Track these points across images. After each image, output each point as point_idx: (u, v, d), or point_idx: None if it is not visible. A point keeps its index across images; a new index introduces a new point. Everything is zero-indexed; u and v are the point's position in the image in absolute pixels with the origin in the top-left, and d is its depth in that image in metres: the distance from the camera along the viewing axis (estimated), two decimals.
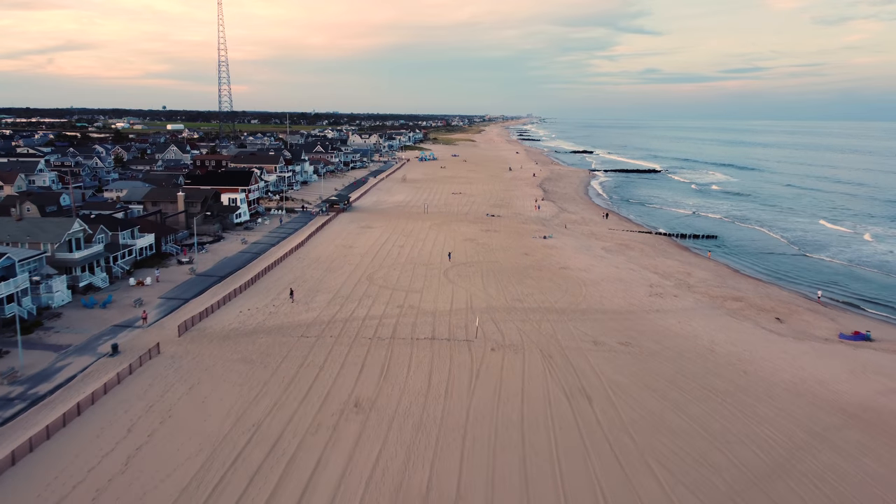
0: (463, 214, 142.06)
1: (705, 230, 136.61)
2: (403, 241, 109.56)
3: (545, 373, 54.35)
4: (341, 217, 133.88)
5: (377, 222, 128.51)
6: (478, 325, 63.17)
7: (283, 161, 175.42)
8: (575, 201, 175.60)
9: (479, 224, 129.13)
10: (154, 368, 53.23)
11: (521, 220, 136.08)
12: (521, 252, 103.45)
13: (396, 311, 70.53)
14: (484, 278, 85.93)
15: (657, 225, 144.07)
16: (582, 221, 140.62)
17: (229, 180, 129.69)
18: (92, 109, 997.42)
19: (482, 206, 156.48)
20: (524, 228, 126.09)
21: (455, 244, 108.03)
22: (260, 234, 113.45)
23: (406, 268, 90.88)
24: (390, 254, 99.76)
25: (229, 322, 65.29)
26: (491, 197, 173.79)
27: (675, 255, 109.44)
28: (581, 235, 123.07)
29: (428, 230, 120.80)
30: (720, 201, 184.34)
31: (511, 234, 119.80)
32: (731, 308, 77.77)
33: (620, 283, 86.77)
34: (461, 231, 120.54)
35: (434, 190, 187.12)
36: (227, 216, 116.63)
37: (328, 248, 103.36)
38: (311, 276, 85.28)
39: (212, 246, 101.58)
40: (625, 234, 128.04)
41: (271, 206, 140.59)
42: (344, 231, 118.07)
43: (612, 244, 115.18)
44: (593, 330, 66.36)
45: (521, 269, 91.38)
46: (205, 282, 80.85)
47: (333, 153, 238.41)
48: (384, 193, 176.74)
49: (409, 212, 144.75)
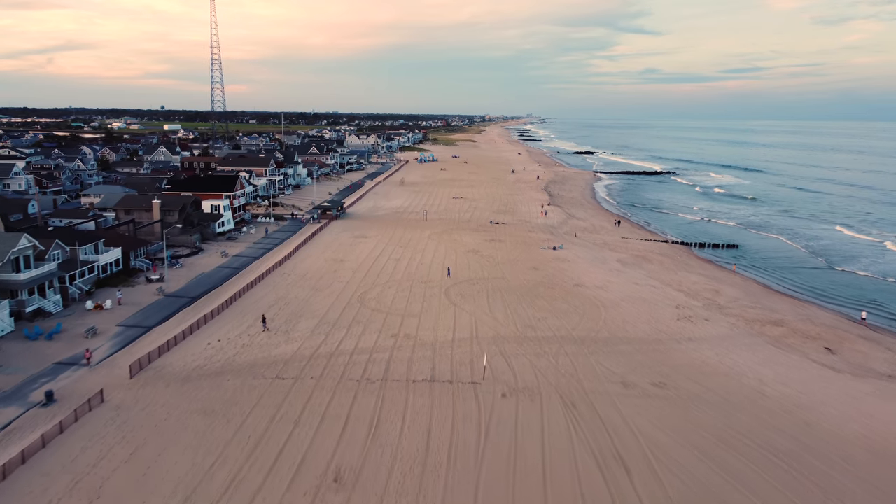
0: (465, 222, 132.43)
1: (723, 238, 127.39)
2: (400, 254, 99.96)
3: (569, 429, 44.75)
4: (334, 225, 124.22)
5: (372, 231, 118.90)
6: (486, 363, 53.61)
7: (274, 164, 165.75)
8: (583, 206, 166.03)
9: (483, 233, 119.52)
10: (92, 424, 43.64)
11: (527, 228, 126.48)
12: (529, 266, 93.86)
13: (390, 342, 60.94)
14: (490, 298, 76.34)
15: (671, 232, 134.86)
16: (592, 229, 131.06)
17: (212, 186, 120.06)
18: (90, 109, 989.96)
19: (485, 211, 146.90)
20: (531, 238, 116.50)
21: (456, 257, 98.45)
22: (243, 245, 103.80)
23: (402, 286, 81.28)
24: (385, 269, 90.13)
25: (194, 358, 55.68)
26: (494, 201, 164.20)
27: (697, 269, 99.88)
28: (593, 245, 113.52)
29: (427, 240, 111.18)
30: (731, 206, 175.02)
31: (517, 244, 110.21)
32: (772, 335, 68.21)
33: (643, 303, 77.20)
34: (463, 241, 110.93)
35: (433, 194, 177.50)
36: (208, 225, 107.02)
37: (317, 261, 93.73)
38: (295, 296, 75.66)
39: (188, 260, 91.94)
40: (639, 243, 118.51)
41: (259, 213, 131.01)
42: (335, 241, 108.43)
43: (627, 256, 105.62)
44: (619, 365, 56.80)
45: (531, 287, 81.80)
46: (174, 304, 71.23)
47: (329, 155, 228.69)
48: (381, 198, 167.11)
49: (406, 219, 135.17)
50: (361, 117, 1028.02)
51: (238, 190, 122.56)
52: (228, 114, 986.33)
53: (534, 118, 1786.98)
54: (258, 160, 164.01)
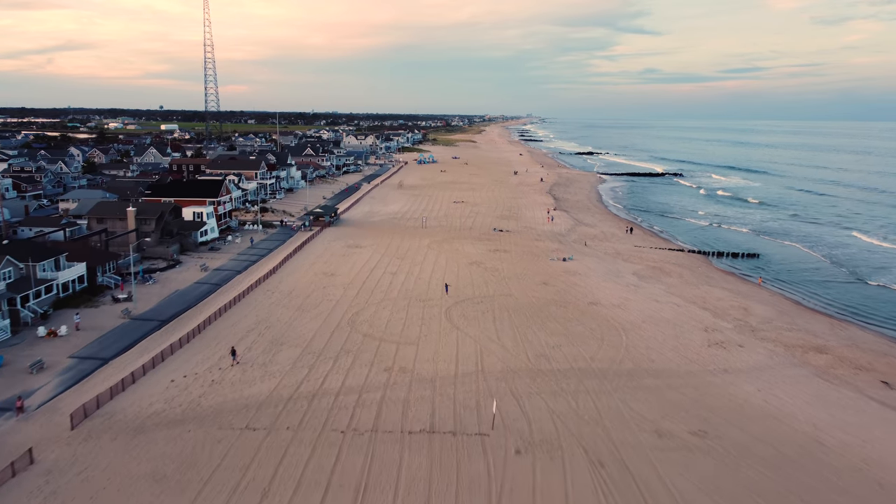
0: (466, 229, 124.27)
1: (740, 246, 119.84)
2: (397, 266, 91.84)
3: (598, 496, 36.66)
4: (326, 233, 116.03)
5: (367, 240, 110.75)
6: (495, 411, 45.46)
7: (266, 166, 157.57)
8: (590, 211, 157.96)
9: (486, 242, 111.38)
10: (13, 497, 35.53)
11: (533, 236, 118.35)
12: (538, 280, 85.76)
13: (383, 377, 52.83)
14: (496, 321, 68.24)
15: (684, 239, 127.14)
16: (603, 237, 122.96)
17: (195, 191, 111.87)
18: (89, 109, 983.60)
19: (488, 217, 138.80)
20: (538, 247, 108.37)
21: (458, 269, 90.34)
22: (226, 256, 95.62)
23: (398, 305, 73.15)
24: (380, 284, 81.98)
25: (152, 400, 47.55)
26: (497, 206, 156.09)
27: (720, 283, 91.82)
28: (605, 255, 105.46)
29: (426, 250, 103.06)
30: (740, 210, 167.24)
31: (524, 254, 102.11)
32: (817, 365, 60.15)
33: (667, 325, 69.11)
34: (465, 251, 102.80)
35: (433, 198, 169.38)
36: (189, 235, 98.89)
37: (306, 276, 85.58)
38: (277, 318, 67.51)
39: (164, 274, 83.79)
40: (653, 252, 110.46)
41: (248, 220, 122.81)
42: (327, 252, 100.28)
43: (643, 267, 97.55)
44: (650, 407, 48.71)
45: (542, 307, 73.69)
46: (139, 329, 63.11)
47: (325, 156, 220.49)
48: (377, 202, 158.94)
49: (404, 226, 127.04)
50: (361, 117, 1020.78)
51: (224, 195, 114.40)
52: (226, 114, 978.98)
53: (534, 118, 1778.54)
54: (248, 162, 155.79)
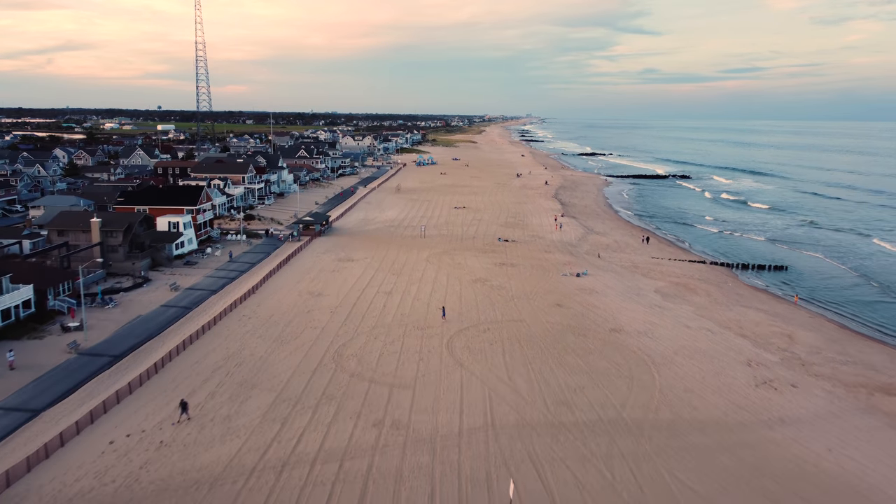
0: (469, 238, 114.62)
1: (762, 256, 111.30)
2: (392, 284, 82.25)
3: None
4: (316, 244, 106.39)
5: (360, 251, 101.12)
6: (512, 495, 35.77)
7: (254, 170, 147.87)
8: (600, 217, 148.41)
9: (490, 254, 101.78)
10: None
11: (542, 247, 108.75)
12: (551, 301, 76.20)
13: (371, 435, 43.23)
14: (506, 353, 58.69)
15: (702, 249, 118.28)
16: (616, 247, 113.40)
17: (172, 198, 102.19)
18: (87, 110, 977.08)
19: (491, 225, 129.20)
20: (548, 260, 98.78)
21: (461, 288, 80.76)
22: (202, 273, 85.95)
23: (393, 333, 63.59)
24: (372, 307, 72.38)
25: (79, 473, 37.94)
26: (501, 212, 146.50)
27: (753, 302, 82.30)
28: (622, 269, 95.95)
29: (425, 264, 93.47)
30: (754, 215, 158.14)
31: (533, 268, 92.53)
32: (890, 411, 50.59)
33: (704, 358, 59.59)
34: (468, 265, 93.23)
35: (433, 203, 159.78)
36: (162, 248, 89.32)
37: (289, 296, 75.97)
38: (251, 352, 57.92)
39: (128, 295, 74.17)
40: (674, 265, 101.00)
41: (233, 228, 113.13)
42: (315, 267, 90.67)
43: (665, 284, 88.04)
44: (701, 478, 39.14)
45: (558, 335, 64.14)
46: (85, 368, 53.51)
47: (319, 158, 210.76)
48: (373, 208, 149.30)
49: (401, 235, 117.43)
50: (360, 117, 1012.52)
51: (204, 203, 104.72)
52: (224, 114, 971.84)
53: (533, 118, 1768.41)
54: (235, 166, 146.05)
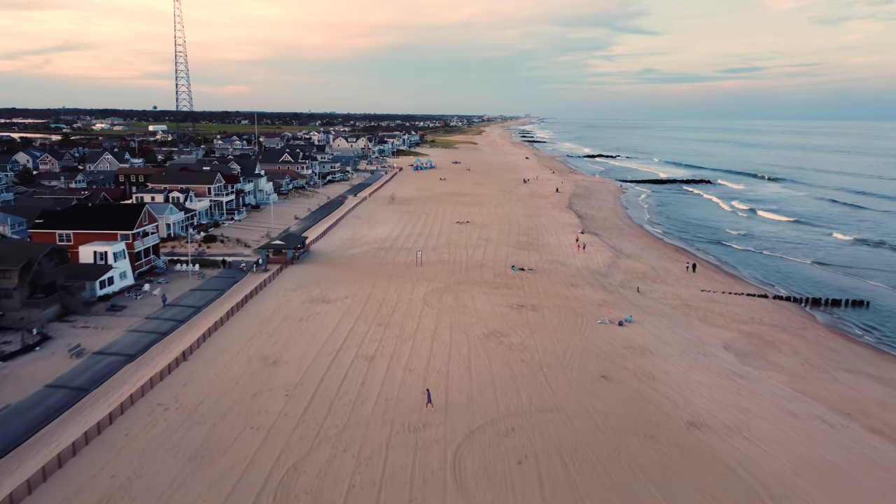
0: (475, 267, 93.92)
1: (825, 284, 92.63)
2: (376, 343, 61.54)
3: None
4: (286, 276, 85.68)
5: (339, 287, 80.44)
6: None
7: (223, 179, 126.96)
8: (625, 233, 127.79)
9: (504, 290, 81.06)
10: None
11: (566, 278, 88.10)
12: (593, 369, 55.58)
13: None
14: (544, 482, 38.12)
15: (751, 274, 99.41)
16: (655, 275, 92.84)
17: (102, 221, 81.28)
18: (82, 110, 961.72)
19: (501, 246, 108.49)
20: (577, 298, 78.16)
21: (468, 349, 60.10)
22: (127, 323, 65.15)
23: (371, 440, 42.92)
24: (346, 386, 51.66)
25: None
26: (510, 228, 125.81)
27: (857, 362, 61.73)
28: (670, 310, 75.48)
29: (422, 308, 72.77)
30: (789, 230, 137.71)
31: (560, 312, 71.90)
32: None
33: (846, 486, 39.07)
34: (476, 308, 72.53)
35: (431, 216, 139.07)
36: (81, 288, 68.69)
37: (232, 366, 55.23)
38: (145, 487, 37.21)
39: (5, 368, 53.38)
40: (731, 301, 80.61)
41: (189, 252, 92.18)
42: (278, 313, 69.92)
43: (734, 334, 67.53)
44: None
45: (615, 437, 43.54)
46: None
47: (305, 163, 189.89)
48: (362, 224, 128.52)
49: (393, 262, 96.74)
50: (357, 118, 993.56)
51: (145, 225, 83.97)
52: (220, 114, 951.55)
53: (532, 118, 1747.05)
54: (200, 175, 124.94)
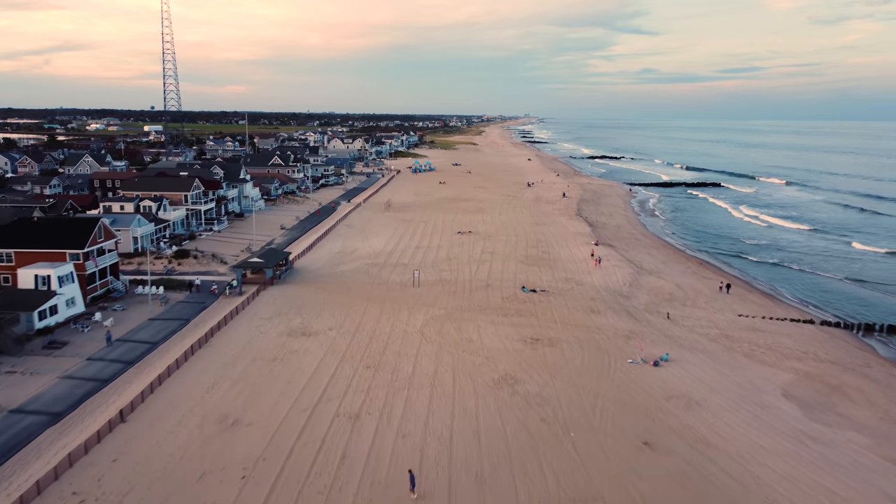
0: (481, 287, 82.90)
1: (871, 305, 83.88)
2: (363, 393, 50.57)
3: None
4: (263, 300, 74.68)
5: (324, 314, 69.46)
6: None
7: (202, 185, 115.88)
8: (641, 243, 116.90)
9: (515, 318, 70.02)
10: None
11: (584, 301, 77.08)
12: (630, 431, 44.65)
13: None
14: None
15: (784, 291, 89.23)
16: (684, 296, 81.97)
17: (48, 238, 70.24)
18: (79, 110, 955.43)
19: (509, 261, 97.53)
20: (600, 328, 67.22)
21: (476, 401, 49.17)
22: (63, 367, 54.12)
23: None
24: (323, 459, 40.67)
25: None
26: (517, 239, 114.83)
27: None
28: (709, 341, 64.66)
29: (419, 342, 61.80)
30: (817, 241, 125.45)
31: (582, 347, 60.99)
32: None
33: None
34: (484, 344, 61.57)
35: (430, 225, 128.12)
36: (15, 319, 57.81)
37: (181, 431, 44.20)
38: None
39: None
40: (774, 327, 69.85)
41: (156, 272, 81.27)
42: (248, 351, 58.94)
43: (791, 376, 56.72)
44: None
45: None
46: None
47: (297, 166, 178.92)
48: (355, 235, 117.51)
49: (387, 282, 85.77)
50: (356, 118, 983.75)
51: (101, 241, 72.98)
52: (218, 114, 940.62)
53: (532, 118, 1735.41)
54: (177, 181, 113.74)
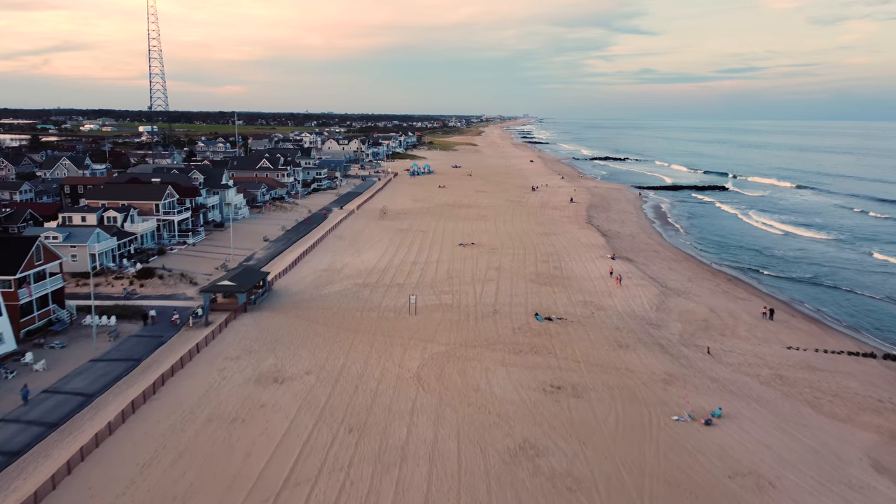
0: (487, 314, 71.67)
1: None
2: (341, 473, 39.32)
3: None
4: (232, 333, 63.48)
5: (301, 353, 58.30)
6: None
7: (176, 193, 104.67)
8: (661, 257, 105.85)
9: (529, 356, 58.85)
10: None
11: (609, 333, 65.85)
12: None
13: None
14: None
15: (837, 318, 78.23)
16: (721, 323, 70.92)
17: None
18: (76, 110, 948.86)
19: (517, 279, 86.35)
20: (631, 368, 56.06)
21: (486, 479, 38.05)
22: None
23: None
24: None
25: None
26: (525, 252, 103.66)
27: None
28: (762, 386, 53.67)
29: (414, 394, 50.59)
30: (847, 253, 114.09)
31: (614, 397, 49.87)
32: None
33: None
34: (494, 394, 50.38)
35: (429, 236, 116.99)
36: None
37: None
38: None
39: None
40: (831, 363, 58.95)
41: (113, 294, 70.08)
42: (203, 407, 47.76)
43: (870, 435, 45.83)
44: None
45: None
46: None
47: (286, 170, 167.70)
48: (345, 248, 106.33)
49: (378, 308, 74.57)
50: (354, 118, 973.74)
51: (40, 264, 61.87)
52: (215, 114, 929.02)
53: (531, 118, 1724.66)
54: (148, 189, 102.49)
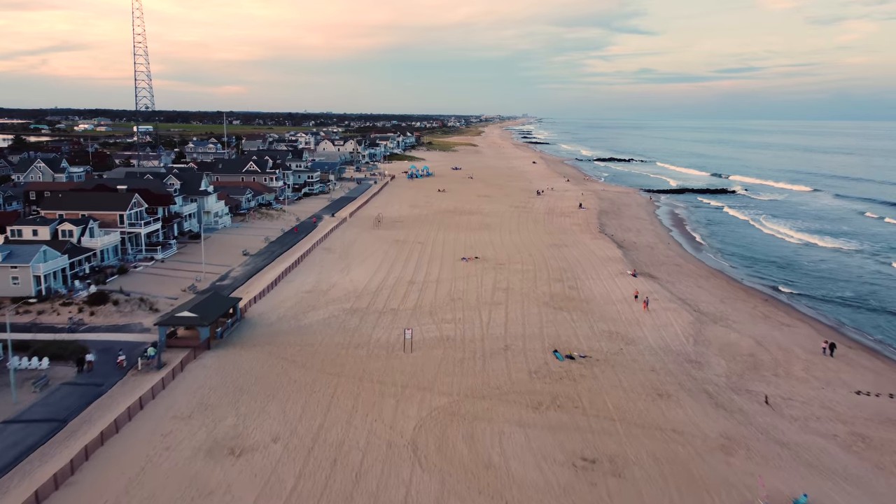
0: (496, 351, 60.42)
1: None
2: None
3: None
4: (188, 379, 52.25)
5: (269, 408, 47.07)
6: None
7: (142, 204, 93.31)
8: (684, 272, 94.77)
9: (552, 412, 47.61)
10: None
11: (643, 377, 54.69)
12: None
13: None
14: None
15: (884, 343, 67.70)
16: (773, 361, 59.87)
17: None
18: (73, 110, 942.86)
19: (529, 302, 75.11)
20: (679, 430, 44.92)
21: None
22: None
23: None
24: None
25: None
26: (536, 268, 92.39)
27: None
28: (844, 452, 42.61)
29: (409, 474, 39.16)
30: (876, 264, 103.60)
31: (665, 477, 38.74)
32: None
33: None
34: (511, 473, 39.03)
35: (428, 249, 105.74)
36: None
37: None
38: None
39: None
40: None
41: (57, 324, 59.03)
42: (133, 495, 36.66)
43: None
44: None
45: None
46: None
47: (275, 173, 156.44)
48: (333, 263, 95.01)
49: (367, 342, 63.29)
50: (353, 118, 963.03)
51: None
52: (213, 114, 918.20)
53: (530, 118, 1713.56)
54: (111, 198, 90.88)
